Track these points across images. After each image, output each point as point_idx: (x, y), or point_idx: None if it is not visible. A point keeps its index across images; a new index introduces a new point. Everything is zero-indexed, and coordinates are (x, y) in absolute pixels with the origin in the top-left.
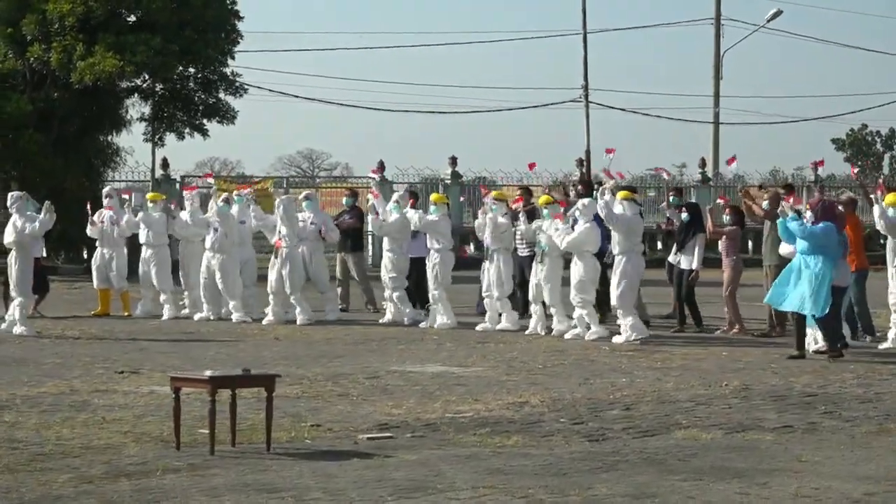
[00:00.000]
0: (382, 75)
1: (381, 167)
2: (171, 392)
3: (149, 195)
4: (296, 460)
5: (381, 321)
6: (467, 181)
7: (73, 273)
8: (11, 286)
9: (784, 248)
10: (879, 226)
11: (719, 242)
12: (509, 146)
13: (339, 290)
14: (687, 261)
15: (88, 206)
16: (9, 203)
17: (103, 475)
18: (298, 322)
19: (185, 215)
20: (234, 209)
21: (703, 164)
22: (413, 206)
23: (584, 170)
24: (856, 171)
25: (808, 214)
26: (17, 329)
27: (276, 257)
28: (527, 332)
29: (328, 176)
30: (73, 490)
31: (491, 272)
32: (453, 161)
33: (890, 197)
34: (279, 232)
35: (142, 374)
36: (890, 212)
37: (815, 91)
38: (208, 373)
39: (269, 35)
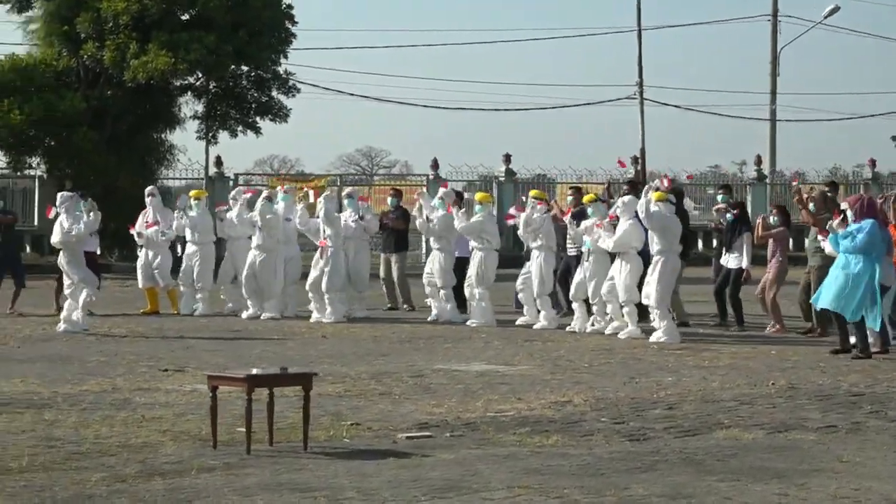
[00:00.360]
0: (436, 72)
1: (435, 165)
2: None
3: (192, 192)
4: (332, 460)
5: (428, 319)
6: (521, 178)
7: (126, 271)
8: (66, 283)
9: (828, 247)
10: None
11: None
12: (564, 144)
13: (384, 289)
14: (735, 260)
15: (134, 231)
16: (58, 203)
17: (137, 474)
18: (326, 321)
19: (231, 215)
20: (280, 206)
21: (758, 161)
22: (458, 206)
23: (638, 167)
24: None
25: (850, 213)
26: (75, 315)
27: (321, 256)
28: (567, 329)
29: (387, 174)
30: (105, 489)
31: (532, 269)
32: (507, 158)
33: None
34: (323, 232)
35: (186, 373)
36: None
37: (873, 88)
38: (245, 372)
39: (320, 33)
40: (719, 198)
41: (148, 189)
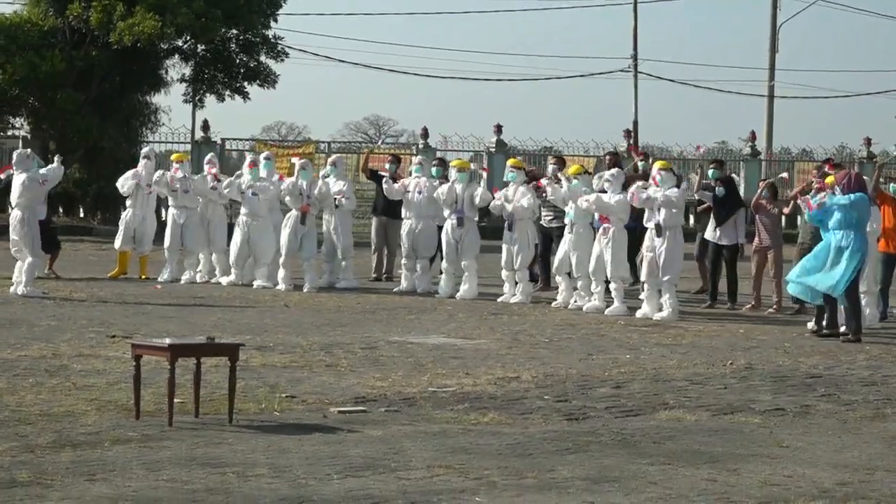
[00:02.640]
0: (430, 41)
1: (425, 134)
2: (155, 360)
3: (173, 156)
4: (255, 434)
5: (395, 290)
6: (527, 150)
7: (109, 234)
8: (15, 249)
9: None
10: None
11: (760, 219)
12: (558, 115)
13: (373, 256)
14: (728, 236)
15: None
16: (14, 161)
17: (48, 445)
18: (305, 290)
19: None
20: (263, 173)
21: (752, 137)
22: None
23: (631, 141)
24: None
25: (837, 189)
26: (21, 290)
27: (302, 223)
28: (553, 305)
29: (394, 143)
30: (9, 460)
31: (511, 243)
32: (498, 129)
33: None
34: (305, 197)
35: (134, 340)
36: None
37: (873, 66)
38: (168, 340)
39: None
40: (710, 172)
41: (144, 150)
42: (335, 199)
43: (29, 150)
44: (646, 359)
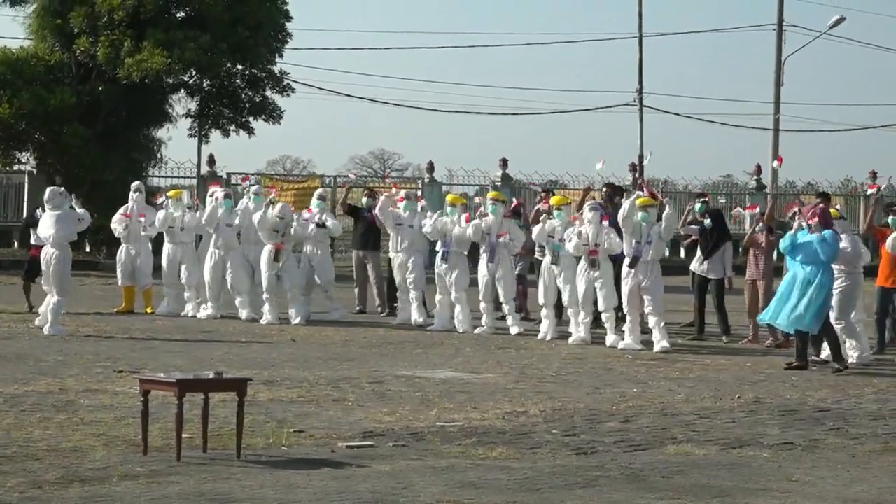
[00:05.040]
0: (435, 75)
1: (430, 168)
2: (162, 395)
3: (170, 192)
4: (263, 469)
5: (394, 322)
6: (518, 183)
7: (114, 269)
8: (46, 286)
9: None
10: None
11: (754, 252)
12: (563, 149)
13: (356, 290)
14: (714, 270)
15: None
16: (46, 198)
17: (57, 480)
18: (294, 322)
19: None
20: (252, 205)
21: (758, 170)
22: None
23: (637, 174)
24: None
25: (804, 224)
26: (47, 329)
27: (275, 260)
28: (538, 338)
29: (399, 176)
30: (18, 496)
31: (493, 274)
32: (504, 163)
33: None
34: (281, 235)
35: (141, 375)
36: None
37: (878, 99)
38: (177, 375)
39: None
40: (697, 207)
41: (134, 184)
42: (320, 218)
43: (62, 188)
44: (653, 392)
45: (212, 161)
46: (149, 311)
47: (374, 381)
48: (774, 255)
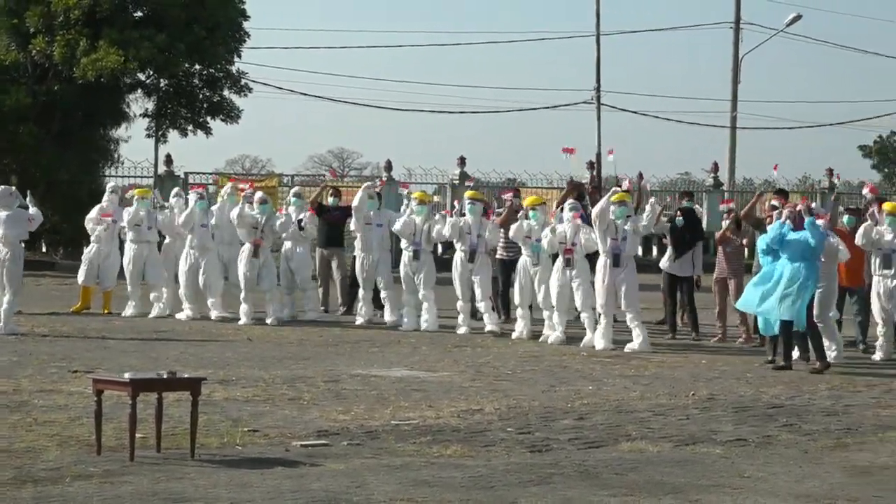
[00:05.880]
0: (392, 74)
1: (388, 166)
2: (116, 395)
3: (137, 191)
4: (217, 468)
5: (357, 323)
6: (491, 182)
7: (70, 269)
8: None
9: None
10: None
11: (723, 249)
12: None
13: (319, 290)
14: (685, 268)
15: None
16: None
17: (9, 481)
18: (268, 321)
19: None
20: (227, 206)
21: (715, 168)
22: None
23: (594, 173)
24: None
25: (787, 222)
26: (1, 329)
27: (255, 256)
28: (513, 336)
29: (358, 175)
30: None
31: (473, 275)
32: (462, 161)
33: (888, 205)
34: (260, 231)
35: (95, 375)
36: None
37: (834, 97)
38: (128, 375)
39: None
40: (684, 203)
41: (110, 185)
42: (299, 221)
43: (13, 187)
44: (609, 390)
45: (169, 161)
46: (106, 311)
47: (330, 379)
48: (745, 253)
